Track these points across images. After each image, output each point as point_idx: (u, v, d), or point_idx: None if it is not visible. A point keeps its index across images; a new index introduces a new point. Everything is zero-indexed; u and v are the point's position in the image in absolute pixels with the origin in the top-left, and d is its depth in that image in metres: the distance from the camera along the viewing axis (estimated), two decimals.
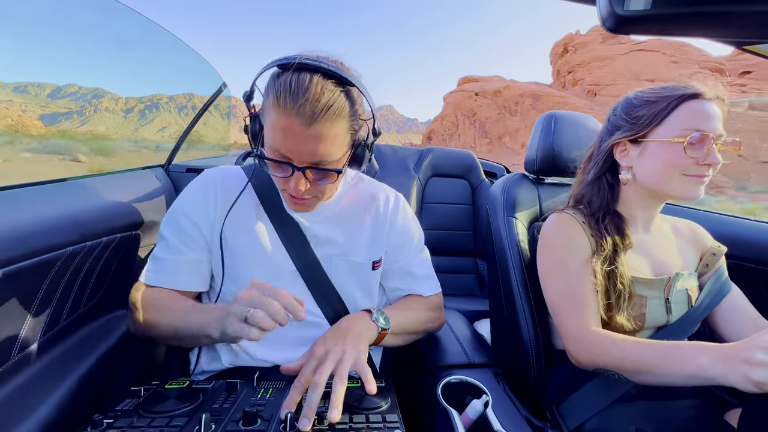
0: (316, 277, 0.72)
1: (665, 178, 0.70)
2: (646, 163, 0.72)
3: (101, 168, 1.26)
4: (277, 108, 0.54)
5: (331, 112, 0.54)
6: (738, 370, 0.48)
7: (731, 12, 0.28)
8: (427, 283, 0.82)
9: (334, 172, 0.60)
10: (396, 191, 0.83)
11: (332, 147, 0.57)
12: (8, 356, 0.60)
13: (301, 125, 0.54)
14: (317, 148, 0.56)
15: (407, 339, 0.76)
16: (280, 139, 0.56)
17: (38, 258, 0.61)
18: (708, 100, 0.67)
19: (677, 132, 0.67)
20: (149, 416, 0.50)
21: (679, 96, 0.68)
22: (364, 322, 0.65)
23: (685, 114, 0.67)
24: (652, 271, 0.75)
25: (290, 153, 0.57)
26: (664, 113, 0.69)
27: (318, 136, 0.55)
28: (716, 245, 0.81)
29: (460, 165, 2.00)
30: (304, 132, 0.54)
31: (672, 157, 0.68)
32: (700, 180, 0.68)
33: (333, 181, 0.62)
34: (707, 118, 0.66)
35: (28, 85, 75.98)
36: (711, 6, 0.27)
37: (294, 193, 0.60)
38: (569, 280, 0.72)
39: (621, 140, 0.75)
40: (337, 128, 0.56)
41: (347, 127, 0.58)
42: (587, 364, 0.67)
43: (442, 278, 0.86)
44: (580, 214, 0.78)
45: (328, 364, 0.54)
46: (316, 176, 0.60)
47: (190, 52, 1.23)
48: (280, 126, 0.55)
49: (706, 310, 0.74)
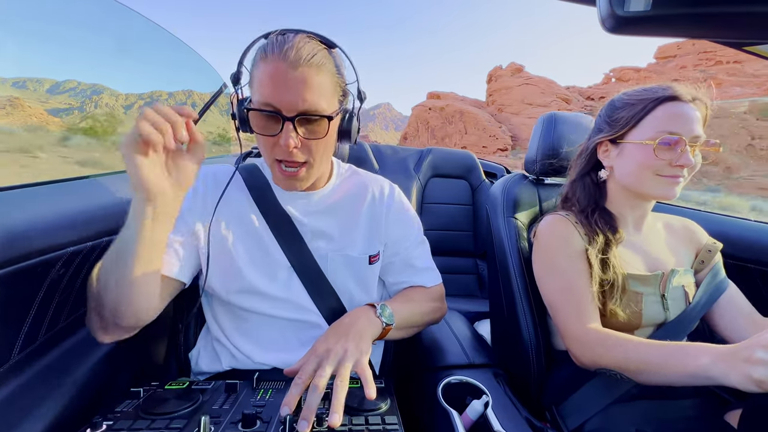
0: (312, 274, 0.70)
1: (640, 179, 0.72)
2: (623, 163, 0.75)
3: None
4: (264, 59, 0.56)
5: (315, 60, 0.56)
6: (739, 369, 0.49)
7: (731, 13, 0.28)
8: (428, 274, 0.80)
9: (324, 120, 0.58)
10: (390, 182, 0.82)
11: (319, 96, 0.57)
12: (8, 357, 0.60)
13: (287, 68, 0.54)
14: (304, 93, 0.56)
15: (411, 332, 0.75)
16: (267, 88, 0.56)
17: (38, 258, 0.61)
18: (685, 102, 0.69)
19: (651, 134, 0.70)
20: (149, 418, 0.50)
21: (656, 99, 0.70)
22: (368, 317, 0.63)
23: (661, 116, 0.69)
24: (646, 267, 0.76)
25: (279, 102, 0.56)
26: (640, 115, 0.71)
27: (304, 80, 0.55)
28: (711, 242, 0.81)
29: (460, 165, 2.00)
30: (290, 75, 0.55)
31: (645, 158, 0.70)
32: (674, 180, 0.70)
33: (323, 136, 0.60)
34: (682, 120, 0.68)
35: (26, 80, 75.64)
36: (711, 7, 0.27)
37: (285, 147, 0.57)
38: (566, 280, 0.73)
39: (603, 140, 0.77)
40: (322, 77, 0.57)
41: (332, 81, 0.59)
42: (589, 364, 0.67)
43: (442, 278, 0.86)
44: (572, 215, 0.79)
45: (329, 364, 0.52)
46: (305, 131, 0.59)
47: (189, 51, 1.23)
48: (267, 75, 0.56)
49: (705, 306, 0.74)
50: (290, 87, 0.55)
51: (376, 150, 1.92)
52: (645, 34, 0.31)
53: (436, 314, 0.80)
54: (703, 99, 0.70)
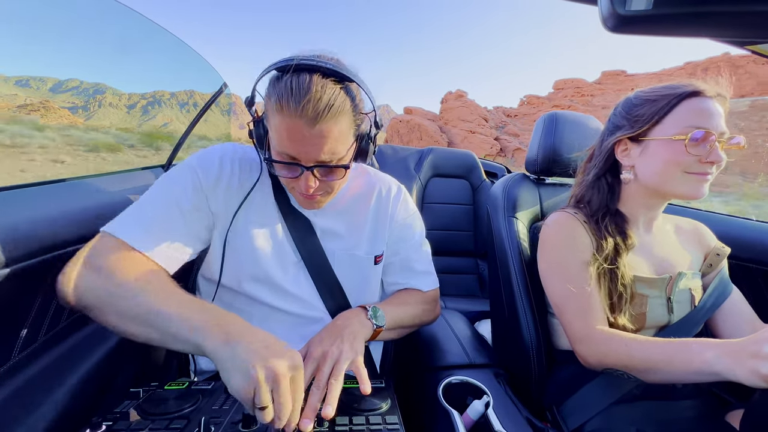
0: (321, 270, 0.72)
1: (667, 177, 0.69)
2: (647, 161, 0.71)
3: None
4: (280, 112, 0.55)
5: (333, 110, 0.55)
6: (746, 365, 0.48)
7: (732, 12, 0.27)
8: (426, 278, 0.81)
9: (341, 168, 0.60)
10: (398, 182, 0.84)
11: (338, 144, 0.58)
12: (8, 357, 0.60)
13: (305, 126, 0.54)
14: (323, 147, 0.56)
15: (402, 333, 0.77)
16: (285, 141, 0.57)
17: (39, 258, 0.61)
18: (708, 98, 0.66)
19: (678, 129, 0.66)
20: (148, 418, 0.50)
21: (679, 94, 0.67)
22: (360, 319, 0.65)
23: (686, 111, 0.66)
24: (653, 270, 0.75)
25: (297, 154, 0.57)
26: (664, 111, 0.68)
27: (323, 135, 0.55)
28: (720, 246, 0.80)
29: (460, 165, 2.00)
30: (309, 132, 0.55)
31: (673, 155, 0.67)
32: (703, 178, 0.66)
33: (341, 177, 0.62)
34: (708, 115, 0.65)
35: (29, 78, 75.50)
36: (712, 6, 0.27)
37: (304, 191, 0.60)
38: (572, 279, 0.71)
39: (622, 139, 0.74)
40: (340, 125, 0.57)
41: (350, 122, 0.59)
42: (595, 364, 0.67)
43: (442, 278, 0.86)
44: (581, 213, 0.77)
45: (326, 367, 0.54)
46: (324, 174, 0.61)
47: (190, 51, 1.23)
48: (284, 129, 0.56)
49: (710, 310, 0.73)
50: (308, 143, 0.56)
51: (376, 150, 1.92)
52: (646, 33, 0.31)
53: (428, 316, 0.81)
54: (725, 95, 0.68)
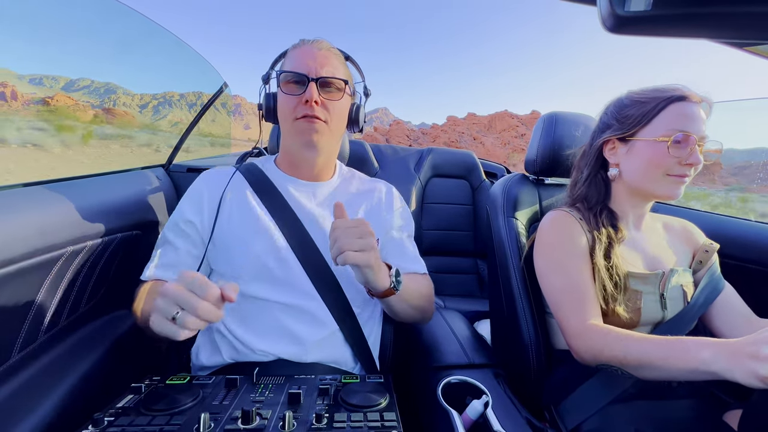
0: (312, 258, 0.72)
1: (649, 177, 0.73)
2: (632, 161, 0.75)
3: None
4: (295, 47, 0.74)
5: (335, 51, 0.75)
6: (744, 366, 0.48)
7: (732, 13, 0.28)
8: (419, 263, 0.84)
9: (341, 80, 0.72)
10: (388, 183, 0.89)
11: (337, 71, 0.72)
12: (9, 355, 0.60)
13: (312, 48, 0.72)
14: (326, 64, 0.71)
15: (404, 310, 0.74)
16: (297, 60, 0.71)
17: (39, 257, 0.62)
18: (694, 103, 0.70)
19: (663, 132, 0.70)
20: (149, 414, 0.51)
21: (667, 98, 0.70)
22: (384, 271, 0.65)
23: (672, 115, 0.70)
24: (646, 266, 0.76)
25: (305, 68, 0.70)
26: (652, 113, 0.71)
27: (326, 57, 0.72)
28: (708, 242, 0.82)
29: (460, 165, 2.00)
30: (315, 52, 0.72)
31: (656, 156, 0.70)
32: (681, 180, 0.71)
33: (339, 99, 0.73)
34: (692, 119, 0.69)
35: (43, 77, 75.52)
36: (712, 7, 0.27)
37: (309, 100, 0.69)
38: (568, 275, 0.73)
39: (610, 138, 0.77)
40: (340, 63, 0.75)
41: (346, 72, 0.76)
42: (590, 359, 0.67)
43: (442, 278, 0.86)
44: (576, 211, 0.79)
45: (357, 236, 0.59)
46: (325, 94, 0.71)
47: (191, 52, 1.24)
48: (297, 52, 0.72)
49: (703, 307, 0.74)
50: (315, 58, 0.71)
51: (376, 150, 1.92)
52: (645, 34, 0.31)
53: (428, 304, 0.80)
54: (709, 101, 0.71)
